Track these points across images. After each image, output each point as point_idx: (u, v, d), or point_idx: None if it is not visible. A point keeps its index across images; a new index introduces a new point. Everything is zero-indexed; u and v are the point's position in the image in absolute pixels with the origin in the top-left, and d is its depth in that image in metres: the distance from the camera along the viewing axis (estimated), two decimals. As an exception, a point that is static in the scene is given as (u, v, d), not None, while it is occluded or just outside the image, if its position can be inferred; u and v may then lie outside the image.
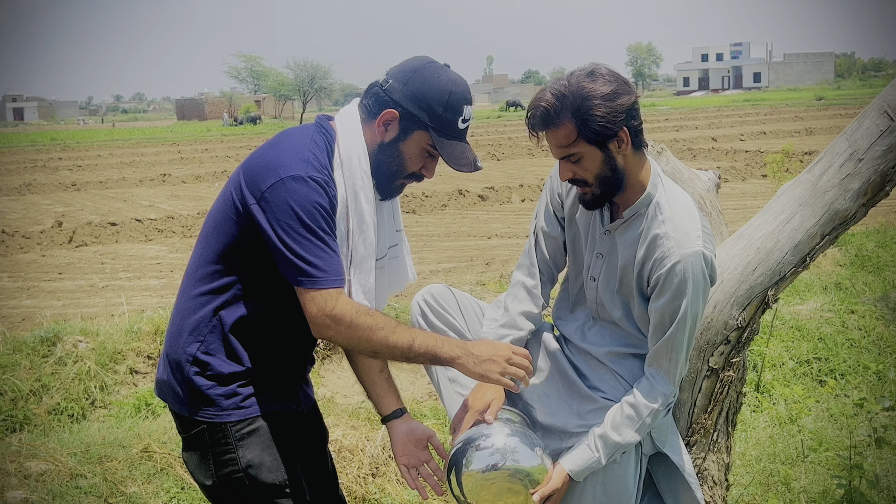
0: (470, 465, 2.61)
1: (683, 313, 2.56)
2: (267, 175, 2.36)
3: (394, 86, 2.49)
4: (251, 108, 74.40)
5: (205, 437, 2.50)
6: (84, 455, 4.77)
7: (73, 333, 6.51)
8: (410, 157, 2.54)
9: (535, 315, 2.90)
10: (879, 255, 9.47)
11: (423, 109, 2.47)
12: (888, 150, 2.82)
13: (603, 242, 2.71)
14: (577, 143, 2.51)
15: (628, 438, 2.64)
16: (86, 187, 23.91)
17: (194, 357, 2.48)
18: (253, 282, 2.47)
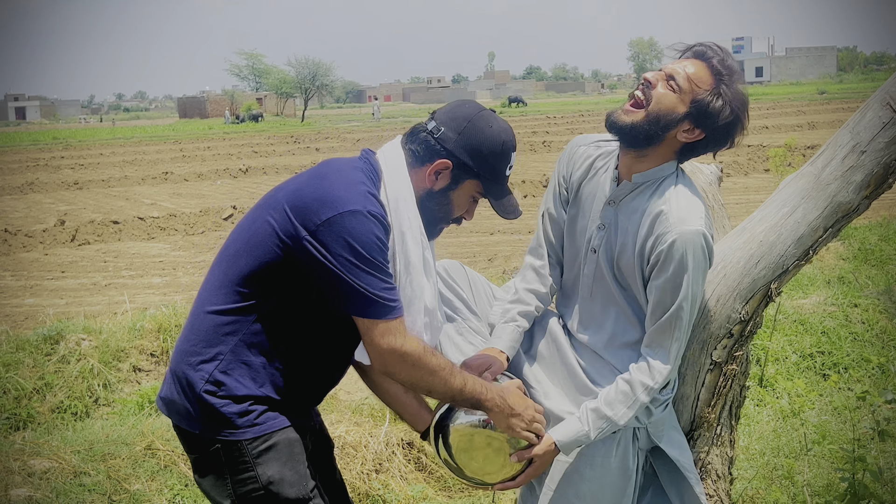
0: (459, 418, 2.62)
1: (685, 290, 2.56)
2: (322, 209, 2.30)
3: (447, 134, 2.48)
4: (253, 106, 74.35)
5: (220, 456, 2.43)
6: (87, 453, 4.78)
7: (76, 331, 6.52)
8: (458, 205, 2.56)
9: (543, 294, 2.91)
10: (883, 249, 9.45)
11: (476, 160, 2.48)
12: (891, 142, 2.81)
13: (606, 213, 2.72)
14: (690, 91, 2.58)
15: (620, 415, 2.63)
16: (88, 186, 23.93)
17: (211, 375, 2.41)
18: (280, 310, 2.42)
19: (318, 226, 2.29)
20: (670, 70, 2.62)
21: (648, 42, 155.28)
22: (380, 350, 2.36)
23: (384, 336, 2.34)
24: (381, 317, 2.33)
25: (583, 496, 2.73)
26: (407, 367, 2.38)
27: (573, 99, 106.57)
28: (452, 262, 3.02)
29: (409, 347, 2.36)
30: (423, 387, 2.45)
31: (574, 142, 2.92)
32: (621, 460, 2.74)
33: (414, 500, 4.37)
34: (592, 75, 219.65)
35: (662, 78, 2.63)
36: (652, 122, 2.59)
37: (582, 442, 2.66)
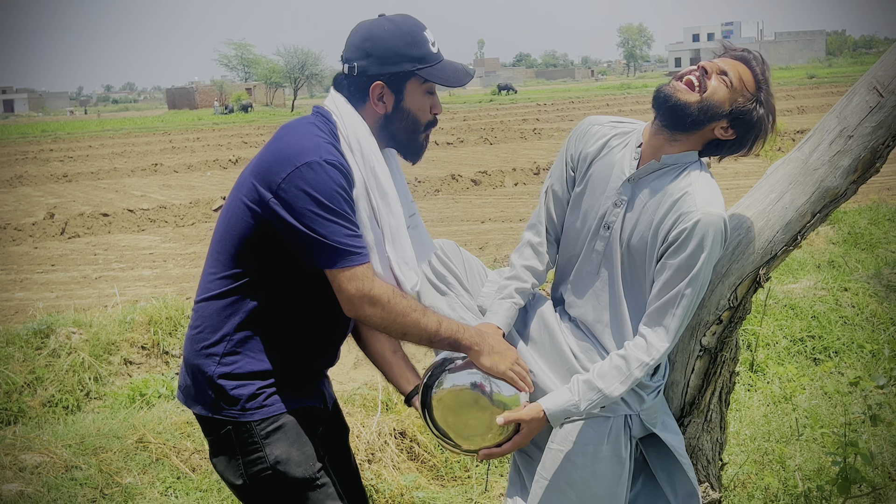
0: (446, 381, 2.62)
1: (698, 270, 2.57)
2: (280, 167, 2.35)
3: (361, 64, 2.50)
4: (242, 96, 74.10)
5: (231, 437, 2.51)
6: (79, 447, 4.77)
7: (67, 325, 6.51)
8: (418, 109, 2.57)
9: (540, 272, 2.91)
10: (872, 233, 9.48)
11: (399, 62, 2.49)
12: (878, 127, 2.81)
13: (624, 190, 2.72)
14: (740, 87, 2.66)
15: (612, 388, 2.61)
16: (77, 178, 23.84)
17: (220, 359, 2.48)
18: (273, 281, 2.48)
19: (279, 185, 2.34)
20: (724, 66, 2.68)
21: (638, 28, 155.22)
22: (348, 295, 2.38)
23: (351, 282, 2.37)
24: (346, 264, 2.36)
25: (574, 484, 2.73)
26: (377, 311, 2.40)
27: (563, 86, 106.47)
28: (448, 241, 3.02)
29: (377, 291, 2.39)
30: (397, 329, 2.46)
31: (587, 120, 2.91)
32: (613, 448, 2.73)
33: (407, 489, 4.37)
34: (582, 62, 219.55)
35: (716, 70, 2.68)
36: (702, 110, 2.64)
37: (571, 413, 2.63)
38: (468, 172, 19.45)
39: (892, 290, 7.13)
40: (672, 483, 2.82)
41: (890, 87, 2.78)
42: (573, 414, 2.64)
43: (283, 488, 2.52)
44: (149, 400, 5.69)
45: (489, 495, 4.45)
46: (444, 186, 17.85)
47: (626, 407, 2.74)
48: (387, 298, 2.40)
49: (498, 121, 38.46)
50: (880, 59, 2.88)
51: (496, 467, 4.65)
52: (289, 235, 2.37)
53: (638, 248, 2.69)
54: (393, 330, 2.47)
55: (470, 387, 2.59)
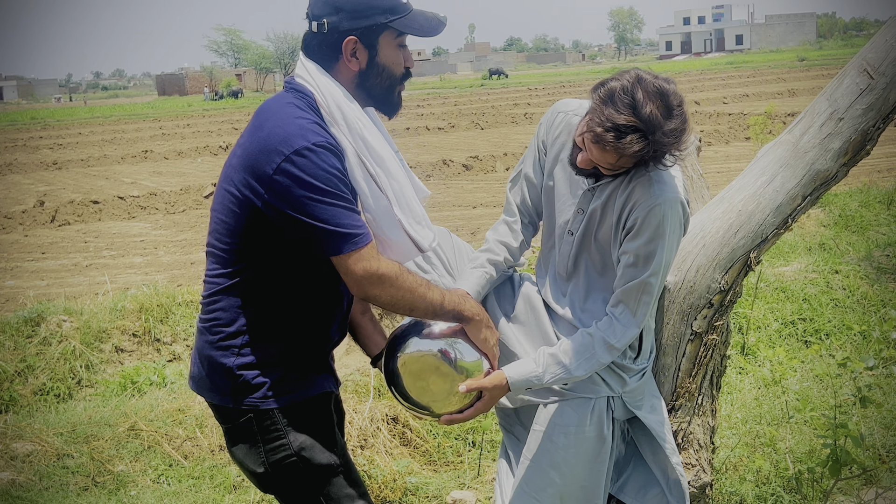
0: (410, 345, 2.62)
1: (658, 256, 2.56)
2: (268, 158, 2.30)
3: (331, 20, 2.42)
4: (232, 82, 73.88)
5: (252, 425, 2.48)
6: (70, 435, 4.76)
7: (58, 313, 6.49)
8: (391, 63, 2.50)
9: (514, 248, 2.89)
10: (863, 215, 9.49)
11: (371, 15, 2.42)
12: (868, 109, 2.81)
13: (584, 199, 2.71)
14: (625, 167, 2.51)
15: (575, 365, 2.61)
16: (67, 166, 23.73)
17: (239, 350, 2.46)
18: (276, 268, 2.44)
19: (272, 177, 2.29)
20: (595, 162, 2.51)
21: (628, 12, 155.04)
22: (357, 277, 2.35)
23: (358, 263, 2.34)
24: (352, 248, 2.33)
25: (557, 465, 2.73)
26: (386, 288, 2.38)
27: (554, 70, 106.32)
28: (439, 227, 3.00)
29: (384, 269, 2.37)
30: (405, 305, 2.45)
31: (554, 107, 2.87)
32: (596, 428, 2.74)
33: (399, 474, 4.37)
34: (573, 46, 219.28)
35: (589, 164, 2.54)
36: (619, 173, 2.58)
37: (532, 383, 2.63)
38: (459, 157, 19.42)
39: (883, 273, 7.15)
40: (663, 469, 2.83)
41: (880, 69, 2.78)
42: (535, 385, 2.65)
43: (306, 475, 2.50)
44: (140, 388, 5.68)
45: (481, 479, 4.46)
46: (436, 172, 17.82)
47: (608, 388, 2.75)
48: (394, 275, 2.38)
49: (489, 105, 38.39)
50: (870, 42, 2.87)
51: (488, 452, 4.66)
52: (290, 227, 2.32)
53: (605, 240, 2.69)
54: (401, 306, 2.45)
55: (434, 352, 2.60)
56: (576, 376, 2.63)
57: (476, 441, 4.76)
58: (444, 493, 4.31)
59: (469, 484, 4.42)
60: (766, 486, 4.08)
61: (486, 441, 4.71)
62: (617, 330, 2.62)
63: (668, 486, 2.82)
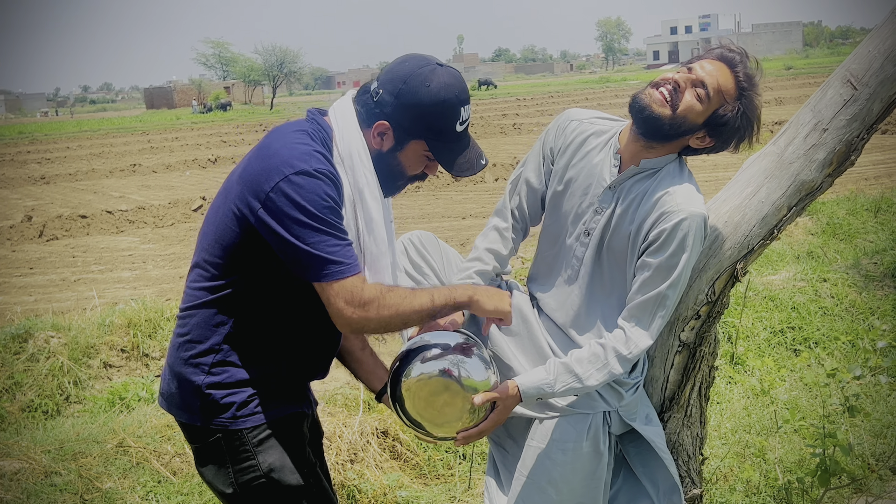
0: (413, 370, 2.56)
1: (679, 271, 2.57)
2: (268, 176, 2.28)
3: (384, 98, 2.40)
4: (221, 95, 73.79)
5: (221, 445, 2.45)
6: (58, 452, 4.73)
7: (45, 329, 6.45)
8: (410, 165, 2.48)
9: (503, 256, 2.89)
10: (850, 223, 9.53)
11: (416, 121, 2.39)
12: (852, 120, 2.81)
13: (606, 196, 2.71)
14: (714, 101, 2.60)
15: (588, 375, 2.59)
16: (55, 180, 23.66)
17: (209, 368, 2.42)
18: (261, 290, 2.41)
19: (268, 194, 2.27)
20: (700, 75, 2.62)
21: (616, 22, 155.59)
22: (339, 309, 2.30)
23: (339, 295, 2.29)
24: (336, 277, 2.28)
25: (555, 482, 2.73)
26: (373, 314, 2.33)
27: (542, 80, 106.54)
28: (427, 233, 3.00)
29: (367, 294, 2.31)
30: (398, 323, 2.40)
31: (566, 114, 2.87)
32: (593, 444, 2.73)
33: (390, 488, 4.36)
34: (561, 56, 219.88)
35: (690, 83, 2.62)
36: (674, 126, 2.61)
37: (544, 392, 2.60)
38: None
39: (871, 280, 7.18)
40: (653, 479, 2.82)
41: (863, 79, 2.79)
42: (546, 394, 2.61)
43: (276, 496, 2.47)
44: (129, 403, 5.65)
45: (472, 493, 4.44)
46: (425, 182, 17.82)
47: (605, 403, 2.74)
48: (378, 299, 2.33)
49: (478, 116, 38.43)
50: (854, 52, 2.88)
51: (479, 465, 4.65)
52: (277, 246, 2.30)
53: (619, 249, 2.68)
54: (394, 325, 2.40)
55: (439, 374, 2.54)
56: (587, 386, 2.61)
57: (466, 454, 4.75)
58: (434, 507, 4.30)
59: (460, 497, 4.41)
60: (756, 497, 4.08)
61: (476, 454, 4.70)
62: (630, 342, 2.61)
63: (658, 497, 2.81)
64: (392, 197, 2.60)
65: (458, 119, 2.42)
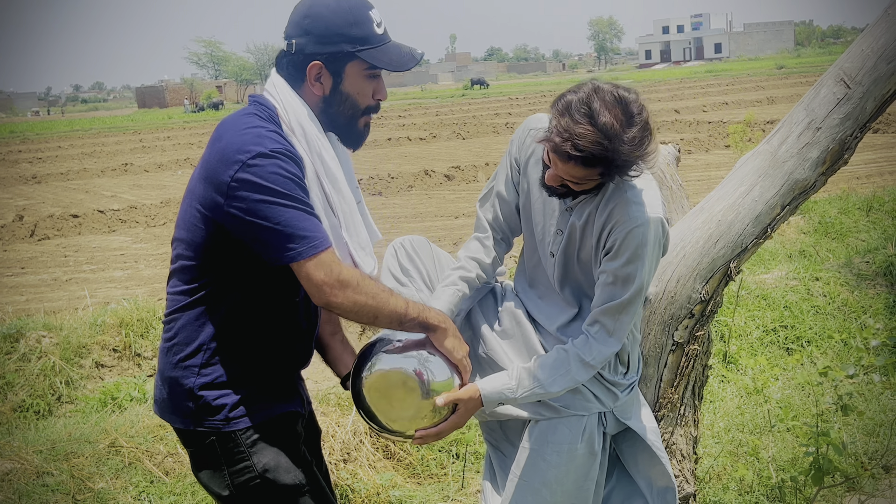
0: (377, 363, 2.53)
1: (637, 278, 2.53)
2: (226, 167, 2.26)
3: (299, 42, 2.41)
4: (213, 94, 73.74)
5: (215, 448, 2.44)
6: (50, 452, 4.71)
7: (37, 329, 6.43)
8: (357, 92, 2.47)
9: (486, 264, 2.86)
10: (842, 222, 9.55)
11: (337, 42, 2.40)
12: (846, 118, 2.82)
13: (563, 219, 2.68)
14: (592, 176, 2.45)
15: (550, 381, 2.58)
16: (46, 179, 23.62)
17: (199, 370, 2.42)
18: (239, 285, 2.40)
19: (230, 185, 2.25)
20: (561, 177, 2.47)
21: (608, 21, 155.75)
22: (317, 283, 2.28)
23: (318, 269, 2.27)
24: (311, 252, 2.27)
25: (549, 483, 2.71)
26: (348, 294, 2.31)
27: (535, 80, 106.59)
28: (420, 238, 2.98)
29: (345, 275, 2.30)
30: (368, 313, 2.37)
31: (526, 123, 2.85)
32: (587, 446, 2.72)
33: (383, 488, 4.35)
34: (553, 55, 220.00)
35: (558, 179, 2.50)
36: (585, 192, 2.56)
37: (505, 397, 2.58)
38: (441, 167, 19.43)
39: (863, 279, 7.18)
40: (647, 478, 2.82)
41: (857, 78, 2.80)
42: (508, 399, 2.60)
43: (272, 496, 2.46)
44: (121, 403, 5.64)
45: (465, 492, 4.44)
46: (417, 182, 17.82)
47: (601, 404, 2.74)
48: (356, 282, 2.32)
49: (470, 115, 38.45)
50: (847, 51, 2.89)
51: (472, 464, 4.65)
52: (248, 234, 2.28)
53: (587, 262, 2.67)
54: (364, 314, 2.38)
55: (401, 370, 2.52)
56: (550, 392, 2.59)
57: (460, 453, 4.74)
58: (427, 507, 4.29)
59: (453, 496, 4.41)
60: (750, 496, 4.08)
61: (469, 453, 4.69)
62: (593, 348, 2.58)
63: (652, 496, 2.81)
64: (362, 143, 2.58)
65: (373, 21, 2.44)
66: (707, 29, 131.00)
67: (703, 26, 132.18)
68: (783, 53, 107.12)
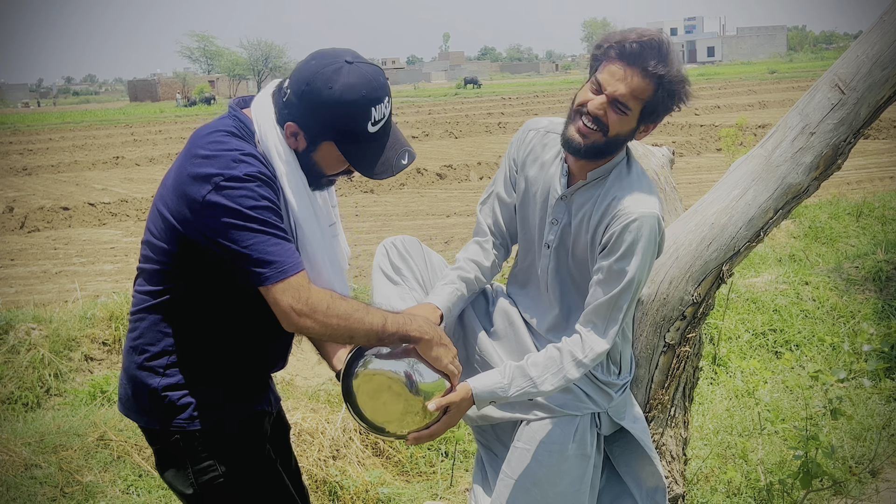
0: (368, 362, 2.51)
1: (631, 275, 2.53)
2: (199, 186, 2.23)
3: (291, 99, 2.33)
4: (205, 89, 73.49)
5: (179, 446, 2.43)
6: (38, 444, 4.70)
7: (26, 321, 6.40)
8: (328, 165, 2.41)
9: (485, 266, 2.87)
10: (832, 227, 9.59)
11: (322, 125, 2.32)
12: (839, 124, 2.83)
13: (559, 208, 2.69)
14: (637, 105, 2.51)
15: (543, 379, 2.57)
16: (37, 171, 23.52)
17: (163, 371, 2.40)
18: (205, 292, 2.38)
19: (202, 205, 2.22)
20: (612, 93, 2.51)
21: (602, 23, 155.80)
22: (284, 309, 2.24)
23: (284, 294, 2.23)
24: (277, 279, 2.22)
25: (540, 483, 2.72)
26: (317, 318, 2.27)
27: (528, 80, 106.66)
28: (412, 238, 2.98)
29: (314, 299, 2.26)
30: (342, 334, 2.33)
31: (526, 126, 2.88)
32: (579, 446, 2.73)
33: (372, 485, 4.35)
34: (547, 56, 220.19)
35: (607, 105, 2.53)
36: (611, 143, 2.56)
37: (497, 396, 2.57)
38: (433, 166, 19.43)
39: (852, 284, 7.21)
40: (637, 478, 2.83)
41: (851, 84, 2.81)
42: (500, 397, 2.58)
43: (235, 495, 2.46)
44: (110, 397, 5.62)
45: (454, 490, 4.45)
46: (410, 180, 17.82)
47: (594, 405, 2.74)
48: (325, 305, 2.27)
49: (463, 115, 38.44)
50: (842, 56, 2.90)
51: (461, 462, 4.65)
52: (218, 254, 2.26)
53: (582, 258, 2.68)
54: (339, 336, 2.34)
55: (393, 373, 2.50)
56: (542, 391, 2.59)
57: (449, 451, 4.75)
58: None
59: (442, 494, 4.41)
60: (738, 498, 4.10)
61: (458, 451, 4.70)
62: (586, 346, 2.58)
63: (641, 496, 2.82)
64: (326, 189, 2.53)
65: (369, 120, 2.32)
66: (700, 32, 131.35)
67: (696, 29, 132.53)
68: (776, 58, 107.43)
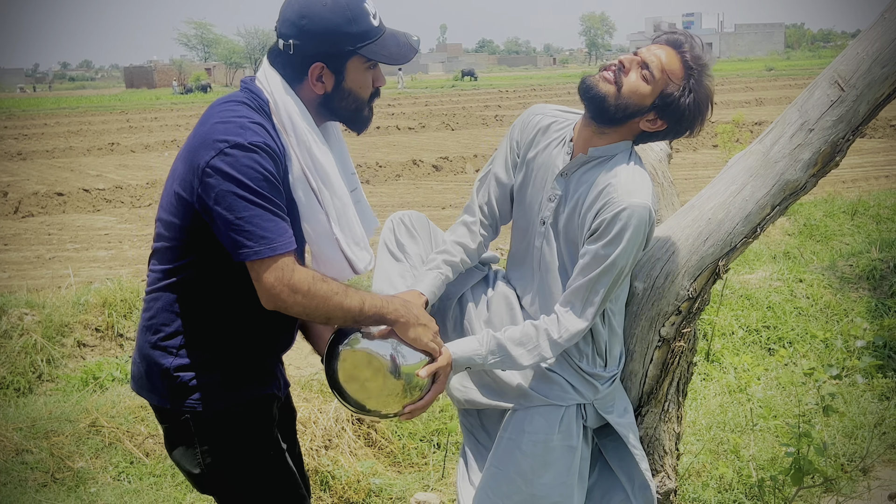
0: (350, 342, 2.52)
1: (614, 259, 2.55)
2: (204, 151, 2.25)
3: (297, 44, 2.38)
4: (201, 76, 73.39)
5: (189, 426, 2.45)
6: (30, 430, 4.69)
7: (19, 306, 6.39)
8: (359, 87, 2.47)
9: (471, 249, 2.88)
10: (827, 225, 9.60)
11: (338, 42, 2.38)
12: (838, 121, 2.83)
13: (557, 185, 2.71)
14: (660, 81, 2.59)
15: (517, 353, 2.61)
16: (32, 156, 23.44)
17: (177, 350, 2.42)
18: (218, 270, 2.38)
19: (204, 170, 2.24)
20: (645, 57, 2.61)
21: (600, 17, 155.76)
22: (266, 285, 2.27)
23: (269, 272, 2.26)
24: (265, 255, 2.24)
25: (524, 473, 2.73)
26: (299, 299, 2.29)
27: (525, 73, 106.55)
28: (419, 214, 2.99)
29: (297, 279, 2.28)
30: (320, 315, 2.36)
31: (531, 109, 2.89)
32: (564, 437, 2.73)
33: (364, 475, 4.35)
34: (544, 49, 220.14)
35: (637, 64, 2.61)
36: (619, 107, 2.59)
37: (474, 362, 2.61)
38: (429, 158, 19.41)
39: (846, 282, 7.22)
40: (629, 473, 2.83)
41: (851, 81, 2.80)
42: (476, 364, 2.62)
43: (242, 477, 2.48)
44: (102, 383, 5.62)
45: (446, 481, 4.45)
46: (406, 172, 17.80)
47: (579, 396, 2.75)
48: (307, 286, 2.30)
49: (460, 107, 38.40)
50: (842, 53, 2.89)
51: (453, 454, 4.65)
52: (211, 221, 2.27)
53: (574, 240, 2.69)
54: (316, 316, 2.37)
55: (375, 352, 2.50)
56: (517, 364, 2.63)
57: (441, 443, 4.75)
58: (408, 495, 4.30)
59: (433, 486, 4.41)
60: (729, 493, 4.10)
61: (450, 443, 4.70)
62: (561, 326, 2.61)
63: (633, 491, 2.82)
64: (367, 128, 2.58)
65: (369, 14, 2.41)
66: (698, 28, 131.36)
67: (694, 25, 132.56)
68: (773, 55, 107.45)
